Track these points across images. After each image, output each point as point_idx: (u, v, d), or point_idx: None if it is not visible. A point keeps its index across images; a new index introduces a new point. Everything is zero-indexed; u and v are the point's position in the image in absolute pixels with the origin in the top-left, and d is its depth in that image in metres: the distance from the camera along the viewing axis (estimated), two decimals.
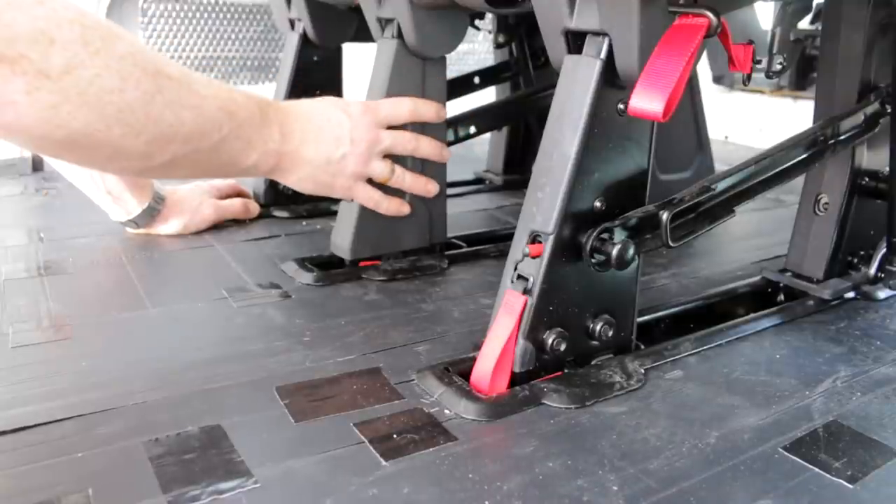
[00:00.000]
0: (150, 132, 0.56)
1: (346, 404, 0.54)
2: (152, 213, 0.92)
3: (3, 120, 0.50)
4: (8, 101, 0.48)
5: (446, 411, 0.53)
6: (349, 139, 0.73)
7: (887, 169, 0.74)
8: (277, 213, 1.04)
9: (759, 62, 0.57)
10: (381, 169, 0.77)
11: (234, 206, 1.00)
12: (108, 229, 0.93)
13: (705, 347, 0.64)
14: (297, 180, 0.73)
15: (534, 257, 0.56)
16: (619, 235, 0.58)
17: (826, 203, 0.76)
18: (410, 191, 0.82)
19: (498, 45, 1.22)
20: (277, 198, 1.07)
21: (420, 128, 0.81)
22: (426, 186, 0.83)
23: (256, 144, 0.66)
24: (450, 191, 0.91)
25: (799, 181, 0.75)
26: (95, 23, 0.52)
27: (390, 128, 0.78)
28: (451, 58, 0.86)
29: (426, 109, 0.80)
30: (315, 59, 1.08)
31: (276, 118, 0.68)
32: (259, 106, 0.67)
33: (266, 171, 0.70)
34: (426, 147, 0.81)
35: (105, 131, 0.53)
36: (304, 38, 1.06)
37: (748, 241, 0.99)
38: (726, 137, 1.75)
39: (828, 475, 0.47)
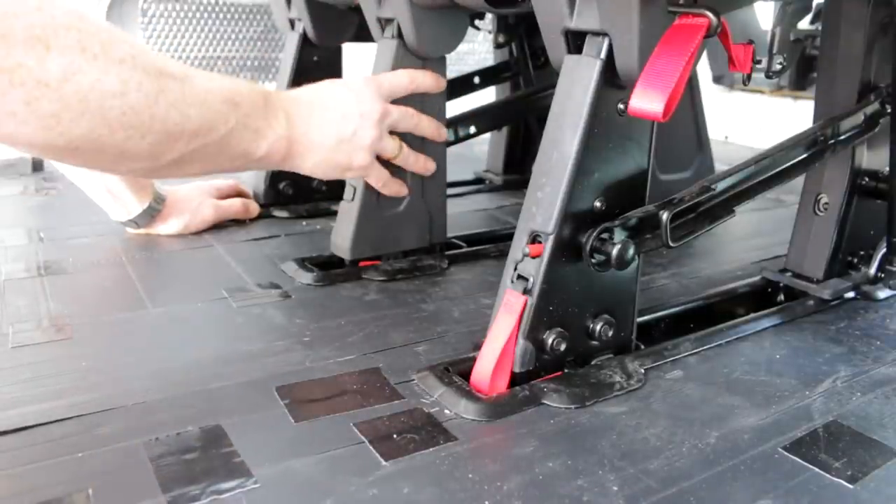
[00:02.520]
0: (155, 133, 0.55)
1: (346, 404, 0.54)
2: (152, 212, 0.92)
3: (4, 131, 0.49)
4: (7, 111, 0.48)
5: (446, 411, 0.53)
6: (357, 114, 0.72)
7: (887, 169, 0.74)
8: (277, 213, 1.04)
9: (759, 62, 0.56)
10: (391, 145, 0.76)
11: (234, 206, 1.00)
12: (108, 229, 0.93)
13: (705, 347, 0.64)
14: (313, 166, 0.71)
15: (534, 257, 0.56)
16: (619, 235, 0.58)
17: (826, 203, 0.76)
18: (412, 169, 0.81)
19: (498, 45, 1.22)
20: (277, 198, 1.07)
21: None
22: (426, 164, 0.82)
23: (265, 133, 0.65)
24: (450, 191, 0.91)
25: (799, 181, 0.75)
26: (94, 27, 0.52)
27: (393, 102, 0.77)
28: (451, 58, 0.86)
29: (424, 79, 0.80)
30: (315, 59, 1.08)
31: (280, 105, 0.68)
32: (263, 95, 0.66)
33: (279, 160, 0.68)
34: (426, 124, 0.80)
35: (108, 136, 0.53)
36: (304, 38, 1.06)
37: (748, 241, 0.99)
38: (726, 137, 1.75)
39: (828, 475, 0.47)
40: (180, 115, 0.57)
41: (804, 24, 1.45)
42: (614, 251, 0.56)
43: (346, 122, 0.72)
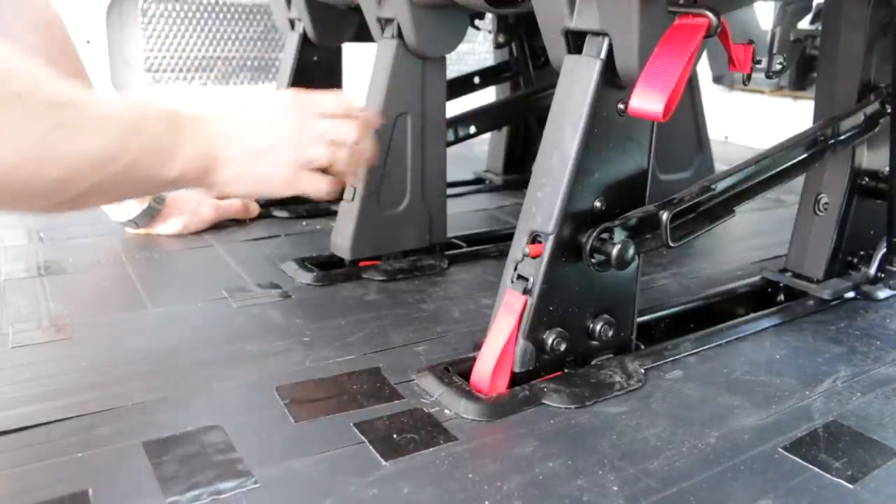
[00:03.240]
0: (54, 169, 0.52)
1: (346, 404, 0.54)
2: (152, 213, 0.92)
3: None
4: None
5: (446, 411, 0.53)
6: (276, 126, 0.68)
7: (887, 169, 0.74)
8: (277, 213, 1.04)
9: (759, 62, 0.57)
10: (319, 153, 0.70)
11: (234, 206, 1.00)
12: (108, 229, 0.93)
13: (705, 347, 0.64)
14: (230, 181, 0.66)
15: (534, 257, 0.56)
16: (619, 235, 0.58)
17: (826, 203, 0.76)
18: (354, 168, 0.75)
19: (498, 45, 1.22)
20: (277, 197, 1.07)
21: (420, 126, 0.81)
22: (367, 158, 0.76)
23: (176, 154, 0.61)
24: (450, 191, 0.91)
25: (799, 181, 0.75)
26: None
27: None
28: (451, 58, 0.86)
29: (352, 104, 0.73)
30: (315, 59, 1.08)
31: (190, 124, 0.64)
32: (171, 116, 0.62)
33: (195, 178, 0.64)
34: (355, 130, 0.72)
35: (3, 177, 0.49)
36: (304, 38, 1.06)
37: (748, 241, 0.99)
38: (726, 137, 1.75)
39: (828, 475, 0.47)
40: (78, 148, 0.53)
41: (804, 24, 1.45)
42: (614, 251, 0.56)
43: (263, 135, 0.68)
